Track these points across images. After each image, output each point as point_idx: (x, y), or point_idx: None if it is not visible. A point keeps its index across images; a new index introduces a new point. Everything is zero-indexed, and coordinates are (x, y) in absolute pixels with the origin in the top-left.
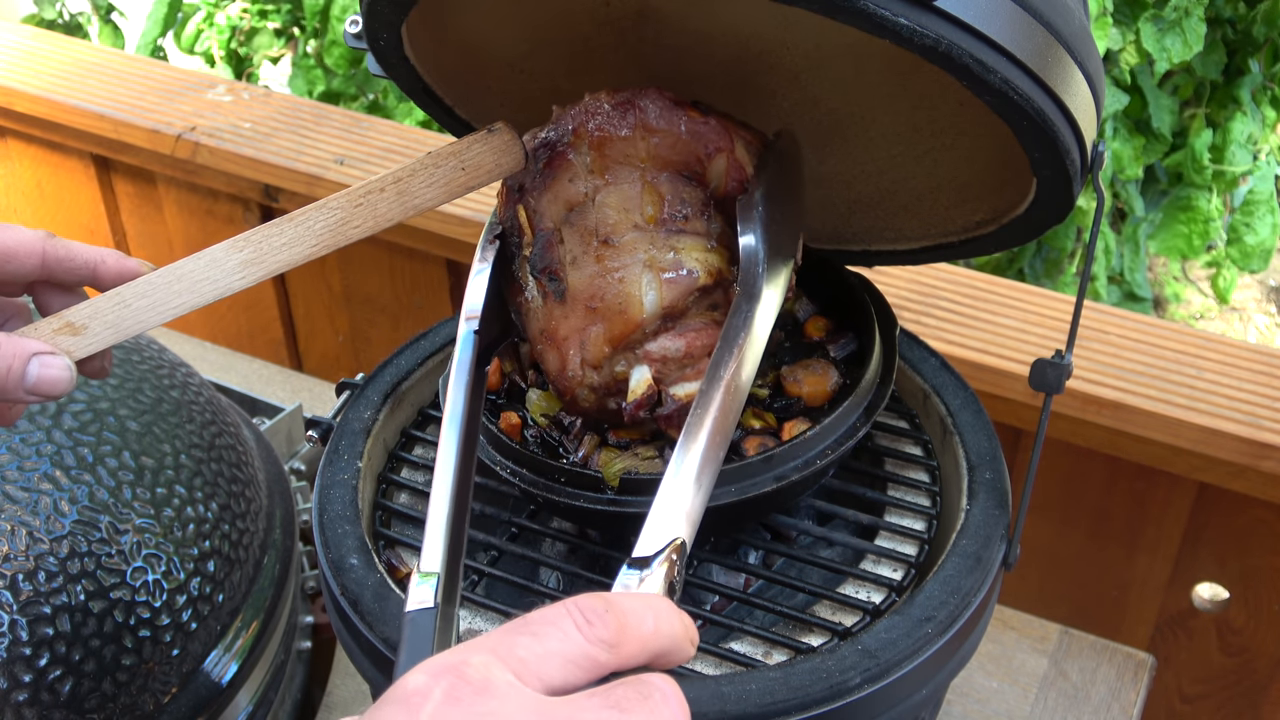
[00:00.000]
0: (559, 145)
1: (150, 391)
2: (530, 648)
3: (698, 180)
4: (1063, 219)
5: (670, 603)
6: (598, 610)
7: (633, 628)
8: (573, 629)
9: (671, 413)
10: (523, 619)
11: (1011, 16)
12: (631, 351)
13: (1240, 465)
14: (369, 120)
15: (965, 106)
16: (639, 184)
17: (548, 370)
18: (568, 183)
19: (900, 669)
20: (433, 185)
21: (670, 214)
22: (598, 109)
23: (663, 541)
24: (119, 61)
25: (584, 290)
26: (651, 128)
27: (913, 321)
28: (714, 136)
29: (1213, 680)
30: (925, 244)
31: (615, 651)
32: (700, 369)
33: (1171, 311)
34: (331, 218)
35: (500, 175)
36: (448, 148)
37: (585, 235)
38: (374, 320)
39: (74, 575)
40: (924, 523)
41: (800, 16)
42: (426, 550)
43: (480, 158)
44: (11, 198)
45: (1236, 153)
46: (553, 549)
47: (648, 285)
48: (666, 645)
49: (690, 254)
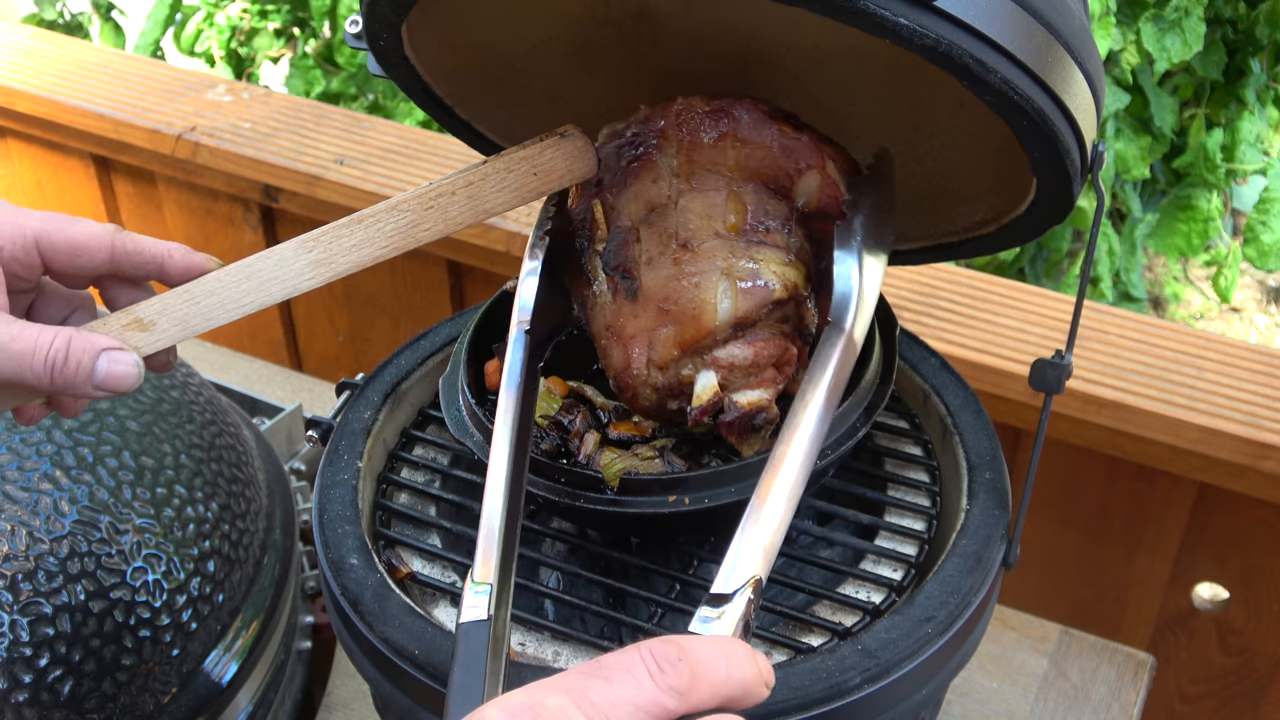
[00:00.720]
0: (646, 145)
1: (150, 391)
2: (604, 693)
3: (783, 194)
4: (1063, 219)
5: (745, 646)
6: (670, 658)
7: (705, 675)
8: (646, 676)
9: (734, 420)
10: (597, 662)
11: (1011, 16)
12: (700, 356)
13: (1240, 465)
14: (369, 120)
15: (965, 106)
16: (724, 192)
17: (610, 365)
18: (651, 183)
19: (900, 669)
20: (504, 190)
21: (753, 224)
22: (690, 113)
23: (743, 579)
24: (119, 61)
25: (658, 291)
26: (743, 138)
27: (913, 321)
28: (806, 153)
29: (1213, 680)
30: (925, 244)
31: (684, 699)
32: (764, 378)
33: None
34: (403, 219)
35: (572, 181)
36: (519, 151)
37: (664, 237)
38: (374, 320)
39: (74, 575)
40: (924, 523)
41: (800, 16)
42: (480, 558)
43: (553, 162)
44: (11, 198)
45: (1247, 151)
46: (553, 549)
47: (723, 293)
48: (737, 691)
49: (769, 266)
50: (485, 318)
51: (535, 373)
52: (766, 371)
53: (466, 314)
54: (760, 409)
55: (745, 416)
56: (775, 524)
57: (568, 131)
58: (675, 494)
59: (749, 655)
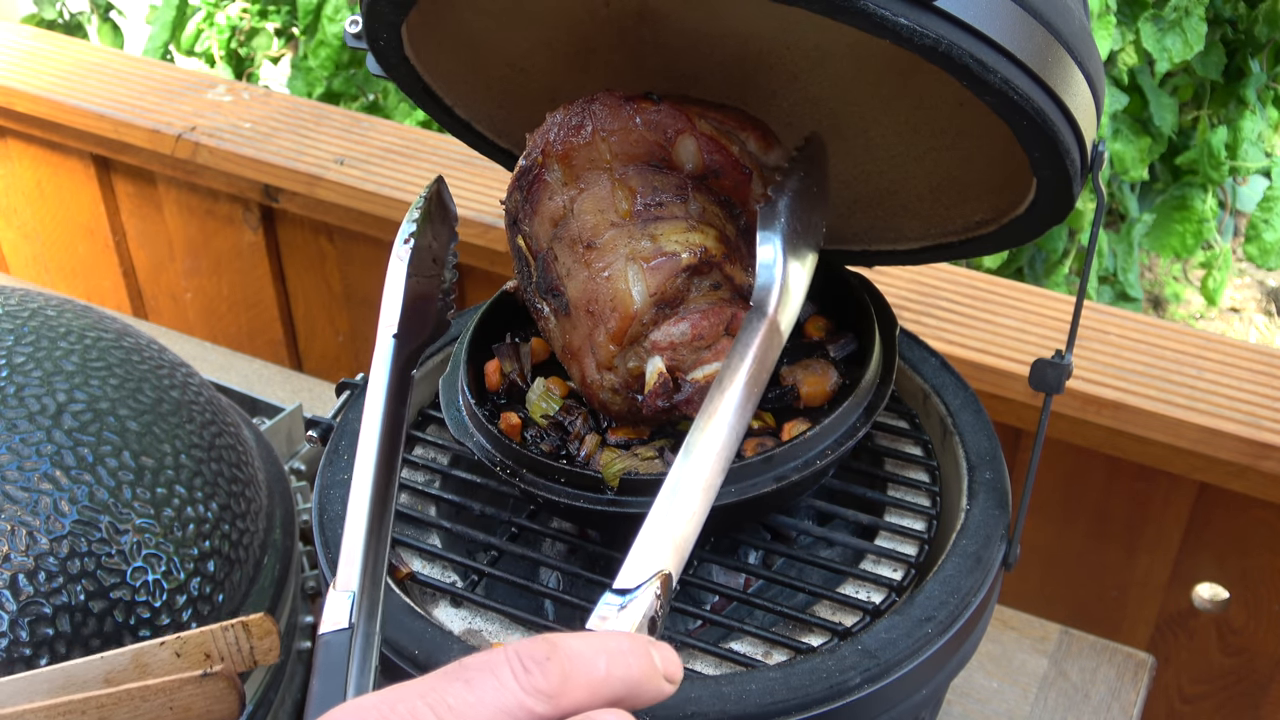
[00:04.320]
0: (533, 169)
1: (150, 391)
2: (461, 696)
3: (668, 166)
4: (1063, 219)
5: (633, 639)
6: (538, 658)
7: (579, 674)
8: (509, 677)
9: (690, 396)
10: (460, 663)
11: (1011, 16)
12: (639, 345)
13: (1240, 465)
14: (369, 120)
15: (965, 106)
16: (609, 183)
17: (576, 384)
18: (548, 201)
19: (900, 669)
20: (137, 717)
21: (644, 204)
22: (555, 123)
23: (647, 572)
24: (119, 61)
25: (580, 297)
26: (607, 129)
27: (913, 321)
28: (668, 120)
29: (1213, 680)
30: (925, 244)
31: (553, 702)
32: (719, 350)
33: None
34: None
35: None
36: (159, 684)
37: (572, 245)
38: (374, 320)
39: (74, 575)
40: (924, 523)
41: (800, 17)
42: (343, 565)
43: (192, 700)
44: (11, 198)
45: (1249, 150)
46: (553, 549)
47: (634, 277)
48: (621, 690)
49: (670, 238)
50: (485, 318)
51: (407, 379)
52: (720, 342)
53: (466, 314)
54: None
55: (703, 391)
56: (687, 516)
57: (213, 670)
58: None
59: (637, 649)
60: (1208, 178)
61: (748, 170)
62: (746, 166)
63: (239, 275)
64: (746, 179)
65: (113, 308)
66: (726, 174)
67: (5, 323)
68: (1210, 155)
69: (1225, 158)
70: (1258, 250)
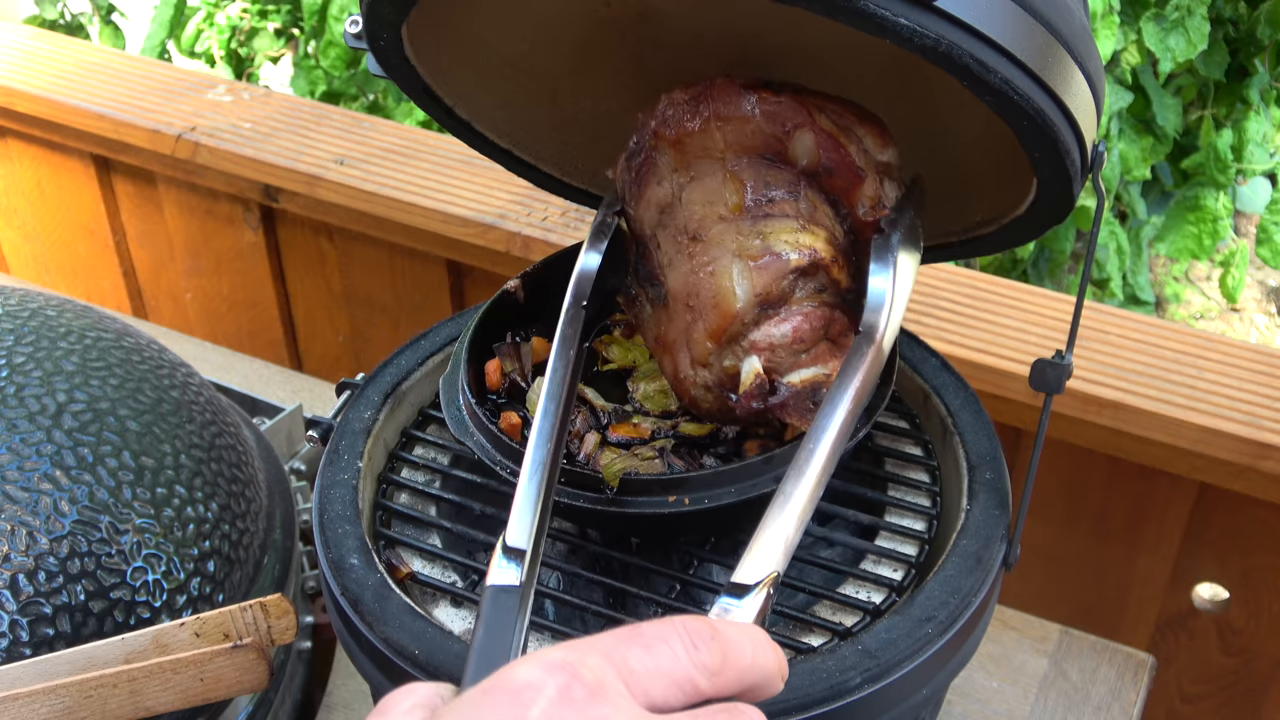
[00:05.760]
0: (644, 150)
1: (150, 391)
2: (642, 661)
3: (782, 160)
4: (1063, 219)
5: (768, 636)
6: (704, 635)
7: (733, 657)
8: (682, 650)
9: (785, 400)
10: (635, 628)
11: (1011, 16)
12: (737, 344)
13: (1241, 465)
14: (369, 120)
15: (965, 107)
16: (720, 174)
17: (667, 378)
18: (656, 186)
19: (900, 669)
20: (168, 690)
21: (755, 199)
22: (672, 106)
23: (764, 572)
24: (119, 61)
25: (681, 290)
26: (724, 115)
27: (913, 321)
28: (789, 113)
29: (1213, 680)
30: (925, 244)
31: (714, 679)
32: (818, 354)
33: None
34: (58, 704)
35: (242, 692)
36: (190, 657)
37: (676, 235)
38: (374, 320)
39: (74, 575)
40: (924, 523)
41: (801, 17)
42: (514, 525)
43: (222, 671)
44: (11, 198)
45: (1255, 151)
46: (553, 549)
47: (739, 275)
48: (760, 679)
49: (780, 237)
50: (486, 318)
51: (581, 350)
52: (819, 346)
53: (466, 314)
54: (819, 385)
55: (799, 395)
56: (794, 523)
57: (244, 642)
58: (675, 494)
59: (771, 645)
60: (1214, 180)
61: (862, 173)
62: (862, 169)
63: (239, 275)
64: (859, 182)
65: (113, 308)
66: (839, 173)
67: (5, 323)
68: (1216, 158)
69: (1231, 160)
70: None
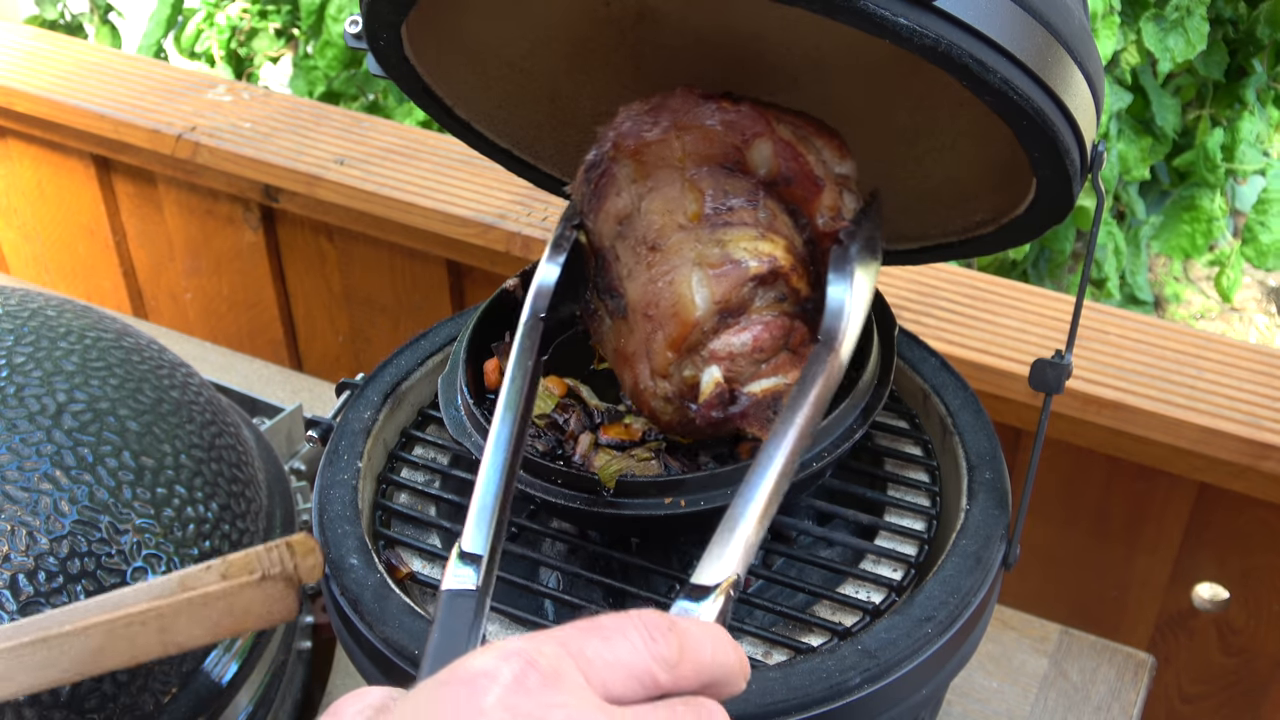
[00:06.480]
0: (602, 163)
1: (150, 391)
2: (599, 651)
3: (741, 170)
4: (1063, 219)
5: (727, 634)
6: (662, 628)
7: (691, 651)
8: (640, 641)
9: (746, 409)
10: (593, 620)
11: (1011, 16)
12: (697, 354)
13: (1240, 465)
14: (369, 120)
15: (965, 107)
16: (679, 183)
17: (626, 391)
18: (615, 197)
19: (900, 669)
20: (197, 624)
21: (714, 208)
22: (629, 117)
23: (722, 575)
24: (119, 61)
25: (640, 300)
26: (683, 125)
27: (913, 321)
28: (747, 122)
29: (1213, 680)
30: (925, 244)
31: (673, 672)
32: (777, 364)
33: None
34: (89, 643)
35: (271, 623)
36: (219, 590)
37: (635, 245)
38: (374, 320)
39: (74, 575)
40: (924, 523)
41: (800, 17)
42: (471, 530)
43: (250, 603)
44: (11, 198)
45: (1247, 152)
46: (553, 549)
47: (698, 283)
48: (720, 675)
49: (739, 245)
50: (485, 317)
51: (539, 362)
52: (779, 356)
53: (466, 314)
54: (778, 395)
55: (760, 404)
56: (753, 526)
57: (272, 572)
58: (671, 496)
59: (731, 642)
60: (1204, 180)
61: (821, 183)
62: (820, 179)
63: (239, 275)
64: (818, 191)
65: (113, 308)
66: (798, 183)
67: (5, 323)
68: (1206, 158)
69: (1221, 160)
70: (1255, 252)
